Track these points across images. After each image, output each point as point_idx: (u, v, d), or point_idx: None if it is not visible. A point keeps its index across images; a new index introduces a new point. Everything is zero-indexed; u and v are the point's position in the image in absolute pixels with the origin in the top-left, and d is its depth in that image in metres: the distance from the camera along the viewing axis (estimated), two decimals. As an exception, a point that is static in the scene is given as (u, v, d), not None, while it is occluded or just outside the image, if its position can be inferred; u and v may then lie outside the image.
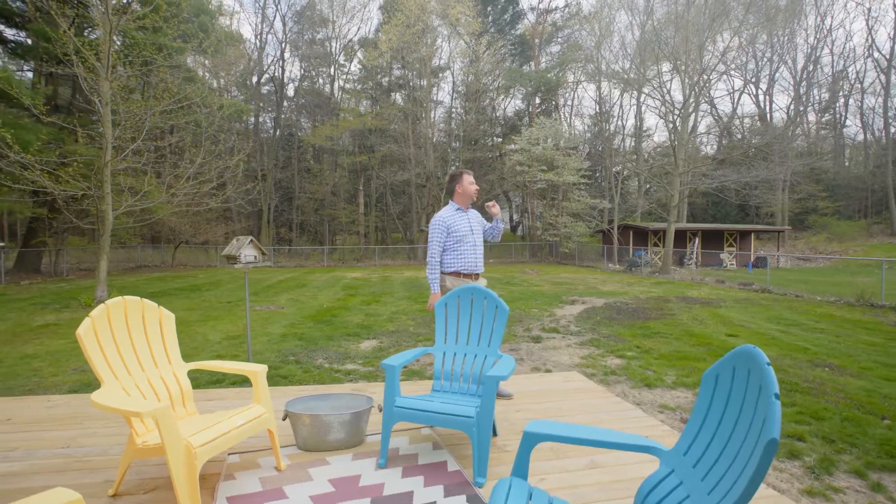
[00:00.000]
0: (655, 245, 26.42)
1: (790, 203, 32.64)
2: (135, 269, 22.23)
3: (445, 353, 2.99)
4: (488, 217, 4.05)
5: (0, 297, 12.13)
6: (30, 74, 20.56)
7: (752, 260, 23.97)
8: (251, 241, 4.70)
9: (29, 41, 18.29)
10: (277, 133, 34.80)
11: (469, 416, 2.31)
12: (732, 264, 25.23)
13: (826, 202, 32.28)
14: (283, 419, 2.67)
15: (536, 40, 35.59)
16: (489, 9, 35.57)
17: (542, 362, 5.83)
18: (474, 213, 3.76)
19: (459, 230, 3.58)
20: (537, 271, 20.54)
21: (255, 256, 4.76)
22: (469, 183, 3.65)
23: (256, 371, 2.44)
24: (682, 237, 25.41)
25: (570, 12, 34.55)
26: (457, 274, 3.59)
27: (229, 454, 2.59)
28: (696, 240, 25.25)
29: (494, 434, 2.87)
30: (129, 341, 2.36)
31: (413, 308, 9.92)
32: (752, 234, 27.30)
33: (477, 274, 3.63)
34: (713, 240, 26.55)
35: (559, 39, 35.91)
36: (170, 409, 1.88)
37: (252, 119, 34.57)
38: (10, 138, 7.75)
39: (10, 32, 19.39)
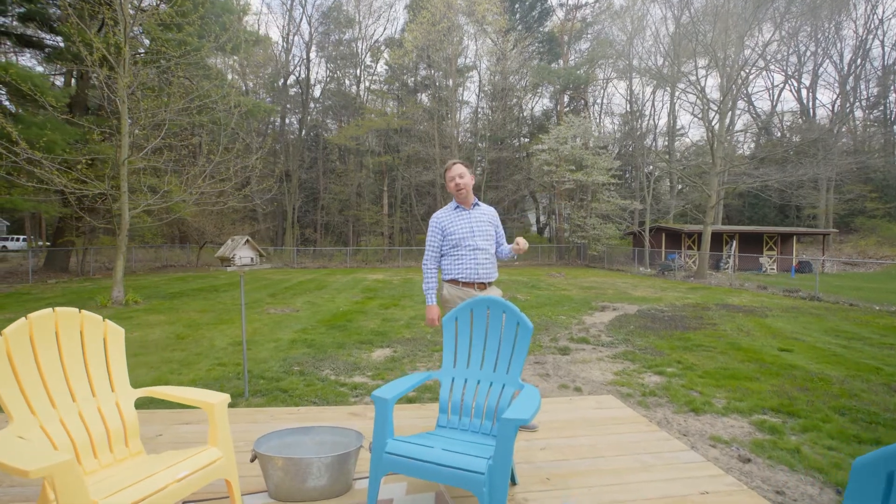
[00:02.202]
0: (689, 248, 25.21)
1: (835, 204, 30.76)
2: (160, 269, 22.47)
3: (454, 379, 2.45)
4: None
5: (23, 296, 12.21)
6: (63, 77, 21.04)
7: (794, 264, 22.55)
8: (247, 240, 4.27)
9: (62, 44, 18.68)
10: (303, 133, 34.94)
11: (478, 471, 1.77)
12: (773, 269, 23.85)
13: (875, 203, 30.26)
14: (252, 460, 2.19)
15: (565, 37, 34.69)
16: (516, 6, 34.87)
17: (571, 379, 5.22)
18: (482, 213, 3.16)
19: (456, 232, 3.06)
20: (564, 274, 19.75)
21: (252, 258, 4.33)
22: (449, 179, 3.12)
23: (212, 403, 1.96)
24: (717, 240, 24.15)
25: (600, 8, 33.54)
26: (454, 282, 3.07)
27: (184, 503, 2.12)
28: (734, 243, 23.95)
29: (513, 482, 2.31)
30: (60, 365, 1.91)
31: (432, 313, 9.40)
32: (794, 237, 25.76)
33: (482, 283, 3.06)
34: (751, 243, 25.16)
35: (589, 35, 34.92)
36: (72, 464, 1.41)
37: (278, 120, 34.80)
38: (15, 134, 7.62)
39: (50, 40, 19.88)
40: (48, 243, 27.20)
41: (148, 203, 10.29)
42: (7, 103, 17.69)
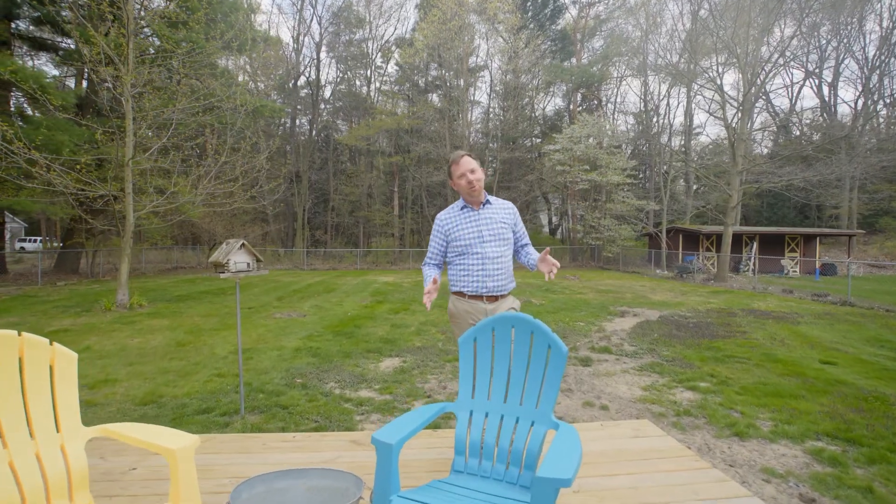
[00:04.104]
0: (708, 250, 24.52)
1: (858, 204, 29.75)
2: (170, 271, 22.38)
3: (473, 412, 2.05)
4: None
5: (29, 298, 12.06)
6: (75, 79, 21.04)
7: (818, 266, 21.76)
8: (242, 244, 3.92)
9: (72, 46, 18.66)
10: (314, 134, 34.80)
11: (507, 548, 1.37)
12: (795, 271, 23.06)
13: (903, 203, 29.22)
14: (228, 515, 1.81)
15: (578, 35, 34.13)
16: (528, 4, 34.38)
17: (596, 395, 4.79)
18: (494, 212, 2.61)
19: (461, 237, 2.56)
20: (579, 277, 19.24)
21: (248, 263, 3.97)
22: (458, 176, 2.55)
23: (173, 450, 1.58)
24: (736, 241, 23.43)
25: (614, 4, 32.90)
26: (460, 295, 2.60)
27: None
28: (754, 244, 23.21)
29: (545, 541, 1.90)
30: (-11, 401, 1.55)
31: (444, 319, 9.01)
32: (817, 239, 24.92)
33: (493, 296, 2.55)
34: (771, 244, 24.38)
35: (602, 33, 34.31)
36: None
37: (288, 121, 34.71)
38: (10, 133, 7.40)
39: (63, 43, 19.90)
40: (59, 245, 27.35)
41: (154, 204, 10.05)
42: (25, 106, 17.72)
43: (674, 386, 5.06)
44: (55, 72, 22.13)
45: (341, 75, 36.97)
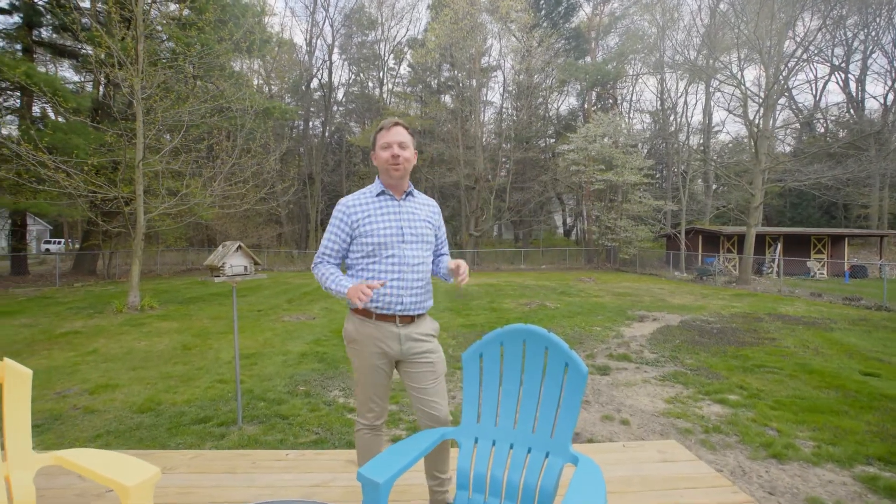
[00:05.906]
0: (729, 251, 23.82)
1: (889, 203, 28.67)
2: (185, 272, 22.53)
3: (478, 440, 1.79)
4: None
5: (45, 300, 12.13)
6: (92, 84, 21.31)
7: (847, 269, 20.95)
8: (239, 247, 3.72)
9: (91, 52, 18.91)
10: (326, 136, 34.89)
11: None
12: (822, 274, 22.25)
13: (935, 202, 28.11)
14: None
15: (592, 33, 33.61)
16: (541, 2, 33.98)
17: (616, 407, 4.48)
18: (419, 206, 2.06)
19: (374, 233, 1.92)
20: (594, 279, 18.81)
21: (245, 267, 3.77)
22: (382, 146, 1.98)
23: (127, 488, 1.36)
24: (759, 242, 22.70)
25: (629, 0, 32.30)
26: (365, 314, 1.94)
27: None
28: (778, 245, 22.48)
29: None
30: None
31: (455, 323, 8.75)
32: (846, 240, 24.02)
33: (408, 316, 1.95)
34: (795, 245, 23.57)
35: (617, 30, 33.72)
36: None
37: (301, 123, 34.84)
38: (13, 136, 7.39)
39: (84, 50, 20.21)
40: (77, 247, 27.75)
41: (165, 206, 10.01)
42: (50, 111, 17.99)
43: (700, 398, 4.72)
44: (76, 77, 22.47)
45: (354, 77, 37.05)
